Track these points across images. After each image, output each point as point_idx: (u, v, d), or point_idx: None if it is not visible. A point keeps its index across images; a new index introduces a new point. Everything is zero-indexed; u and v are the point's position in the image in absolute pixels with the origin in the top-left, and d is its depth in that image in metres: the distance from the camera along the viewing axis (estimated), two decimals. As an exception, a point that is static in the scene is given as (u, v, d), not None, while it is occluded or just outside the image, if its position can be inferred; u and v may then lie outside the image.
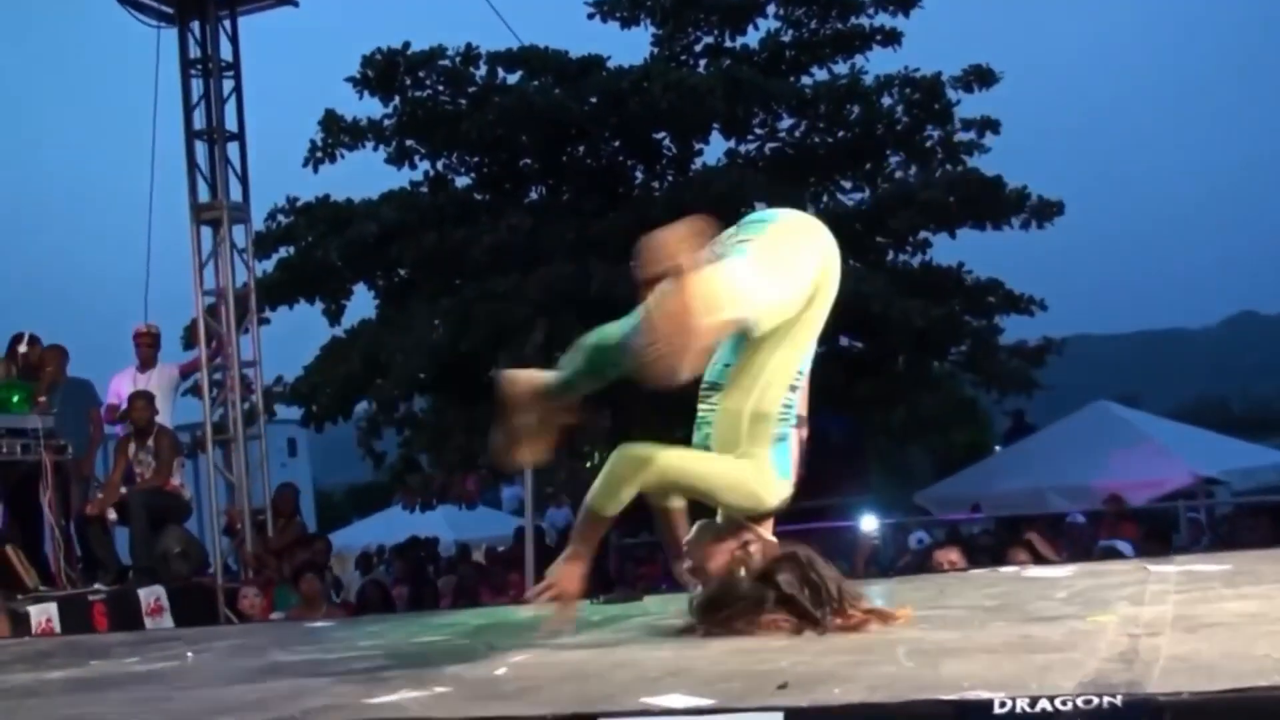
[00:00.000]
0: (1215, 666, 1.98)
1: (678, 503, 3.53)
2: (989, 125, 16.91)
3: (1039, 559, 6.94)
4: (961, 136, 16.91)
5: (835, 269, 3.26)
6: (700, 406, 3.35)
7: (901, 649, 2.50)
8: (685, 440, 3.42)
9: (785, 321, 3.17)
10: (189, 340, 12.59)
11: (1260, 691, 1.76)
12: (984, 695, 1.88)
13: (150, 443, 9.71)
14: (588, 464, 14.47)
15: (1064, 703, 1.79)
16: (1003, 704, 1.82)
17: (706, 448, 3.29)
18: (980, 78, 16.67)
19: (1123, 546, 8.23)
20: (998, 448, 20.83)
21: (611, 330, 3.30)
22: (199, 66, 11.55)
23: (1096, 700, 1.78)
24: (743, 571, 3.11)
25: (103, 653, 4.38)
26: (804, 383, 3.27)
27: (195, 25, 11.56)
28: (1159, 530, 10.84)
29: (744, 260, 3.11)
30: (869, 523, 12.91)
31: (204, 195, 11.50)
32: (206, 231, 11.54)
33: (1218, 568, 3.65)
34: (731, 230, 3.32)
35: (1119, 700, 1.77)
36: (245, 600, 9.50)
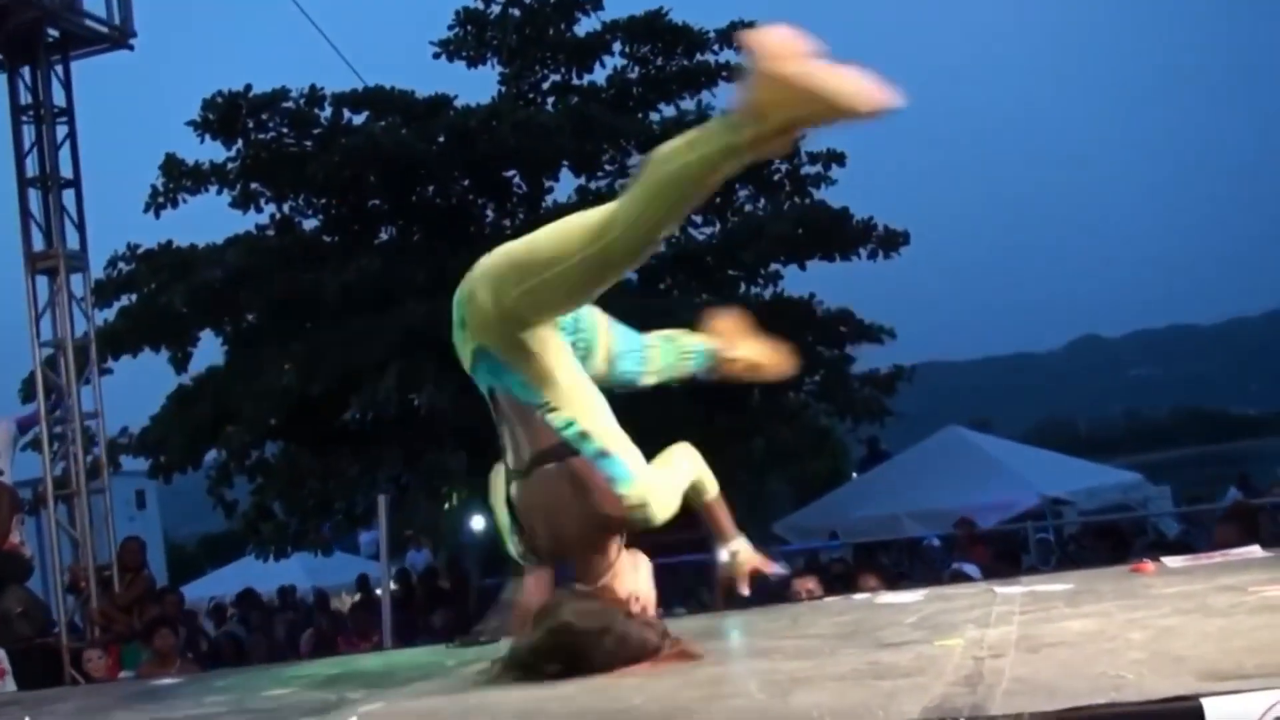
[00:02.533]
0: (1055, 686, 2.00)
1: (711, 494, 3.51)
2: (834, 158, 17.25)
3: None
4: (808, 169, 17.22)
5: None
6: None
7: (753, 681, 2.50)
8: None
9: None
10: (28, 393, 12.19)
11: (1098, 709, 1.78)
12: (831, 725, 1.88)
13: (-13, 499, 9.35)
14: (445, 505, 14.33)
15: (910, 728, 1.80)
16: (850, 733, 1.83)
17: (600, 451, 3.10)
18: (824, 112, 16.97)
19: (970, 569, 8.40)
20: (854, 475, 21.16)
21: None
22: (30, 113, 11.22)
23: (941, 725, 1.79)
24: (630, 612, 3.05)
25: (-67, 723, 4.18)
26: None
27: (25, 71, 11.23)
28: (1009, 551, 11.08)
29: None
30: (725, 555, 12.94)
31: (39, 244, 11.15)
32: (43, 281, 11.18)
33: (1061, 587, 3.72)
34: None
35: (962, 724, 1.79)
36: (90, 663, 9.18)
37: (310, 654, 10.61)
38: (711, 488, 3.49)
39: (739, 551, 3.55)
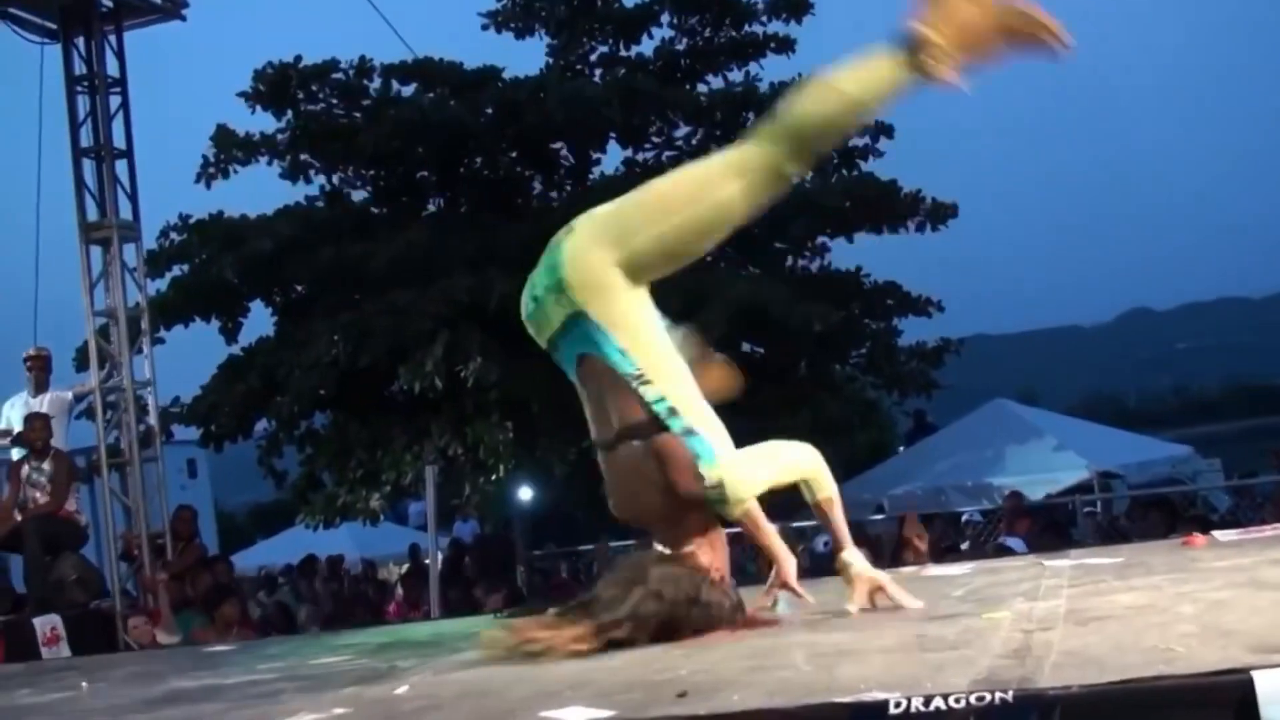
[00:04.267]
0: (1105, 659, 2.00)
1: (821, 494, 3.36)
2: (883, 130, 17.12)
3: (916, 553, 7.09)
4: (856, 141, 17.10)
5: None
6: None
7: (799, 653, 2.51)
8: (589, 452, 3.40)
9: (620, 293, 3.18)
10: (81, 362, 12.33)
11: (1147, 682, 1.78)
12: (879, 696, 1.89)
13: (46, 466, 9.49)
14: (492, 476, 14.39)
15: (957, 700, 1.80)
16: (897, 704, 1.83)
17: (686, 429, 3.16)
18: (873, 84, 16.87)
19: (1014, 543, 8.35)
20: (900, 448, 21.07)
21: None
22: (85, 83, 11.30)
23: (989, 697, 1.79)
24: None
25: (-6, 685, 4.26)
26: None
27: (80, 41, 11.31)
28: (1057, 525, 11.01)
29: None
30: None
31: (93, 214, 11.25)
32: (96, 251, 11.29)
33: (1110, 561, 3.71)
34: None
35: (1010, 696, 1.79)
36: (136, 629, 9.27)
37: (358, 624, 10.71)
38: (823, 488, 3.35)
39: (850, 565, 3.32)
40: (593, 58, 17.55)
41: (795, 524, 14.50)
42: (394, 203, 16.51)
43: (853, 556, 3.34)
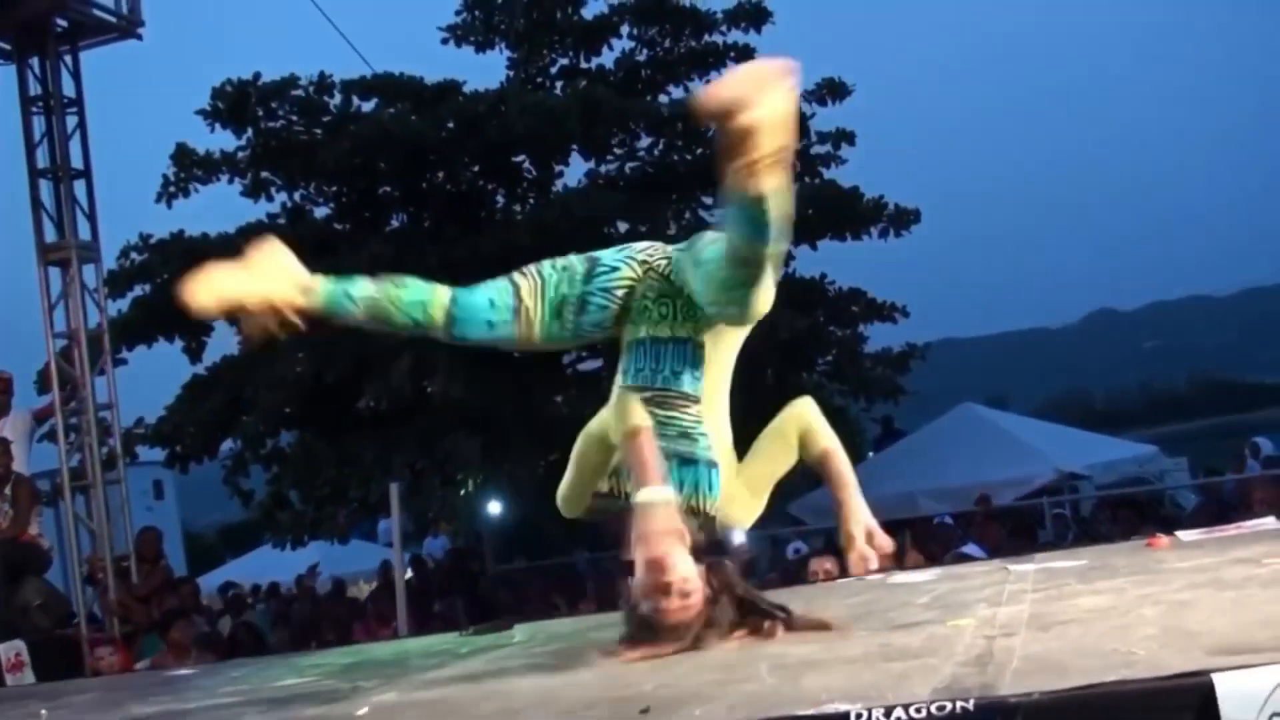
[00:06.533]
0: (1066, 664, 2.00)
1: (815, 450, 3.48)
2: (844, 137, 17.20)
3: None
4: (818, 149, 17.16)
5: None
6: (664, 413, 3.22)
7: (764, 665, 2.50)
8: (558, 464, 3.40)
9: (727, 335, 3.27)
10: (42, 385, 12.22)
11: (1108, 686, 1.78)
12: (841, 708, 1.88)
13: (8, 491, 9.40)
14: (461, 491, 14.34)
15: (918, 710, 1.79)
16: (859, 715, 1.82)
17: (711, 461, 3.24)
18: (833, 91, 16.96)
19: (974, 551, 8.35)
20: (870, 454, 21.13)
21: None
22: (40, 104, 11.24)
23: (950, 705, 1.78)
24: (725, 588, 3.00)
25: (-48, 715, 4.21)
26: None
27: (34, 61, 11.25)
28: (1025, 527, 11.03)
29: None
30: (739, 535, 12.95)
31: (51, 235, 11.18)
32: (55, 272, 11.22)
33: (1074, 564, 3.72)
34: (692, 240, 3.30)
35: (971, 704, 1.78)
36: (102, 660, 9.18)
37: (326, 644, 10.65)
38: (816, 443, 3.52)
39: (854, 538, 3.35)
40: (553, 70, 17.56)
41: (768, 531, 14.54)
42: (357, 218, 16.44)
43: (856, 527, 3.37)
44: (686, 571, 2.87)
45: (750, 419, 3.56)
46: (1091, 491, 15.17)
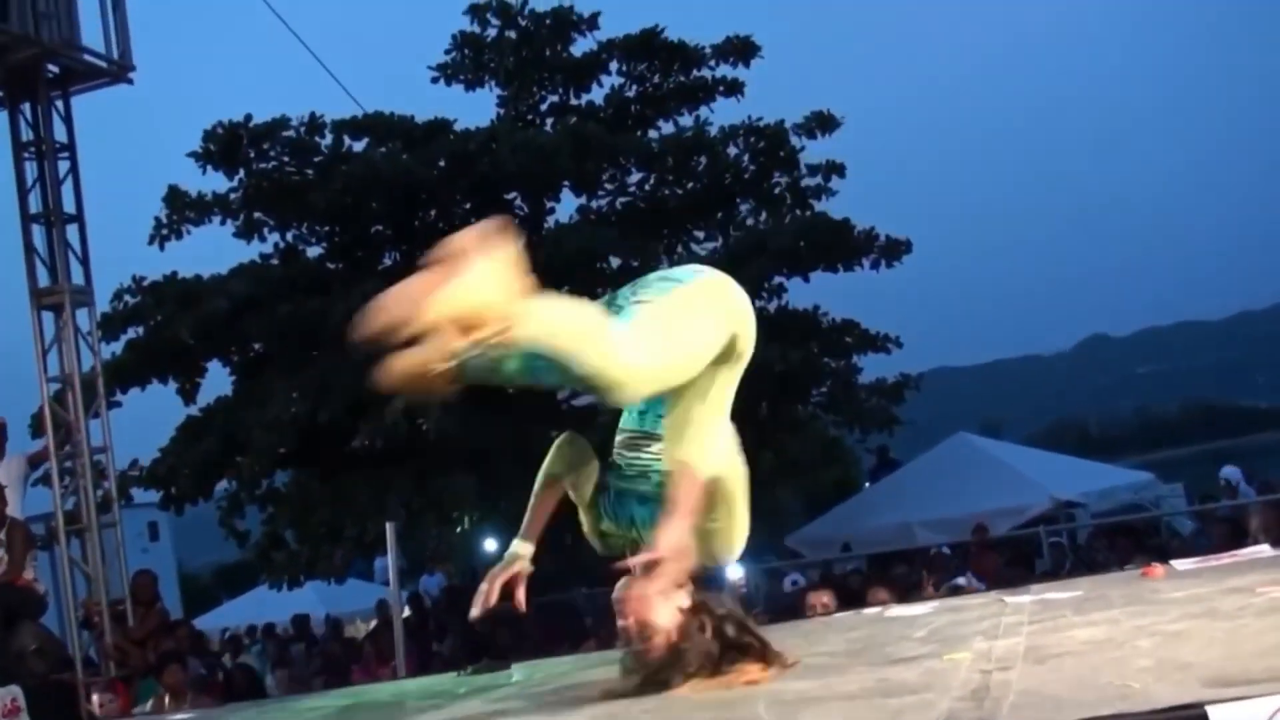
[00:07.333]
0: (1062, 697, 2.00)
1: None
2: (834, 169, 17.26)
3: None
4: (808, 182, 17.24)
5: (748, 328, 3.20)
6: (629, 455, 3.33)
7: (762, 702, 2.50)
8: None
9: (701, 377, 3.12)
10: (37, 429, 12.20)
11: (1104, 720, 1.78)
12: (838, 745, 1.88)
13: (2, 536, 9.36)
14: (457, 529, 14.32)
15: (916, 747, 1.80)
16: (857, 753, 1.83)
17: (658, 498, 3.18)
18: (822, 124, 17.02)
19: (963, 582, 8.35)
20: (865, 484, 21.11)
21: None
22: (32, 149, 11.25)
23: (947, 742, 1.79)
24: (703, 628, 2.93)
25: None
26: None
27: (26, 107, 11.27)
28: (1022, 557, 11.02)
29: (626, 324, 3.02)
30: (734, 570, 12.94)
31: (44, 280, 11.17)
32: (48, 316, 11.20)
33: (1069, 595, 3.72)
34: (629, 287, 3.24)
35: (968, 740, 1.79)
36: (101, 708, 9.14)
37: (324, 686, 10.62)
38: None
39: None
40: (543, 107, 17.62)
41: (765, 564, 14.51)
42: (349, 258, 16.47)
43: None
44: (644, 616, 2.89)
45: (745, 452, 3.55)
46: (1088, 520, 15.15)
